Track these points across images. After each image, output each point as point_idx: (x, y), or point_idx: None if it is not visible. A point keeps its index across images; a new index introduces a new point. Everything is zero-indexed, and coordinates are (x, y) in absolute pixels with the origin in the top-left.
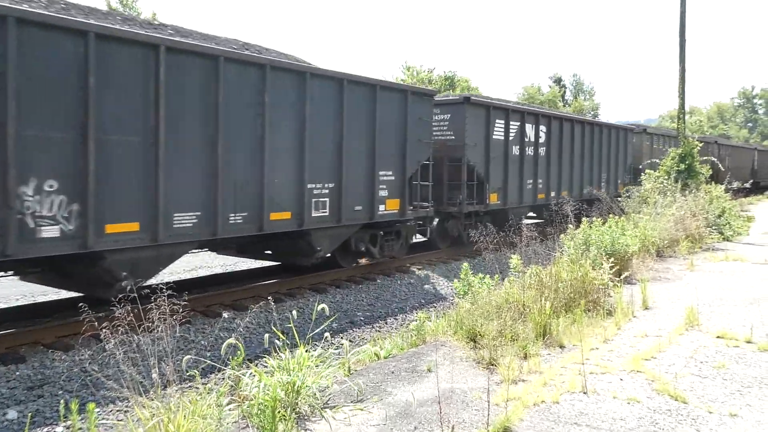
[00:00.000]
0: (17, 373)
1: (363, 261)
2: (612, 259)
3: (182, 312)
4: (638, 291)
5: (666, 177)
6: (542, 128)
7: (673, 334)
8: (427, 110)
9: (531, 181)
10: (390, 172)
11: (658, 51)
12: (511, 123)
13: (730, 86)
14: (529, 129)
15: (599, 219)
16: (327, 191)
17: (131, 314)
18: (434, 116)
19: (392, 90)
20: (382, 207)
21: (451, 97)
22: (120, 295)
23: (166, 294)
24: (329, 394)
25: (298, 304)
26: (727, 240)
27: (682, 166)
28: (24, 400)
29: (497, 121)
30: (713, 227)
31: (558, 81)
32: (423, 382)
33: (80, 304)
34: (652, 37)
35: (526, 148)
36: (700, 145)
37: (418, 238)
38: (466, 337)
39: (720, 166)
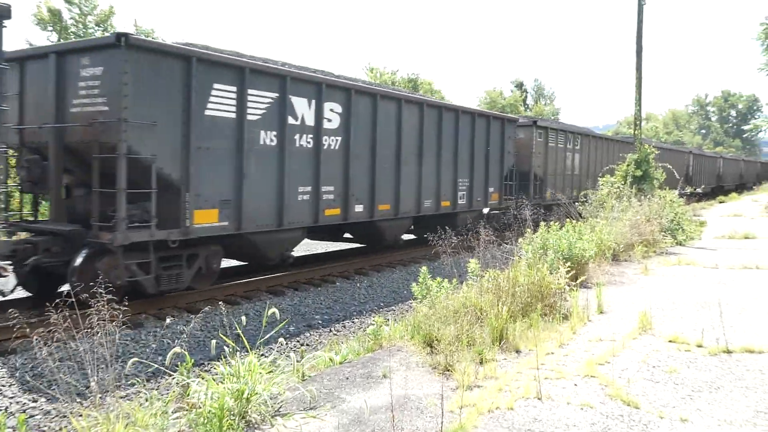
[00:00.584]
0: None
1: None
2: (569, 264)
3: (122, 318)
4: (594, 295)
5: (622, 182)
6: (333, 107)
7: (626, 338)
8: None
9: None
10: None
11: (617, 59)
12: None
13: (684, 94)
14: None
15: (556, 223)
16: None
17: (68, 320)
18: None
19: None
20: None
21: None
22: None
23: (105, 299)
24: (281, 401)
25: (255, 307)
26: (680, 244)
27: (639, 172)
28: None
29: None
30: (667, 232)
31: (520, 86)
32: (378, 389)
33: (10, 310)
34: (611, 46)
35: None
36: (657, 151)
37: None
38: (422, 342)
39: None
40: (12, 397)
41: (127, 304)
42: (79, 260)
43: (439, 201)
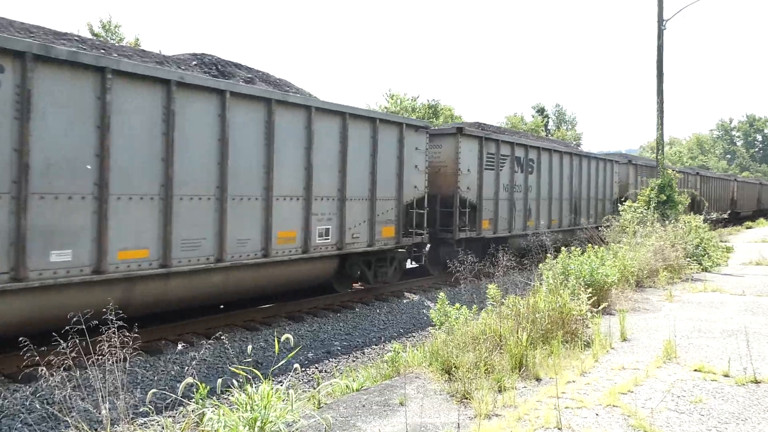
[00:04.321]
0: None
1: None
2: (591, 290)
3: (135, 345)
4: (617, 322)
5: (645, 207)
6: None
7: (650, 367)
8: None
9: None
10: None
11: (640, 82)
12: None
13: (709, 118)
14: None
15: (578, 249)
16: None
17: (77, 347)
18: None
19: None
20: None
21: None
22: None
23: (116, 326)
24: (297, 429)
25: (273, 333)
26: (706, 270)
27: (662, 197)
28: None
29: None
30: (692, 258)
31: (541, 111)
32: (394, 417)
33: (20, 338)
34: (633, 69)
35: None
36: (680, 176)
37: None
38: (440, 369)
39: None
40: (31, 425)
41: (137, 331)
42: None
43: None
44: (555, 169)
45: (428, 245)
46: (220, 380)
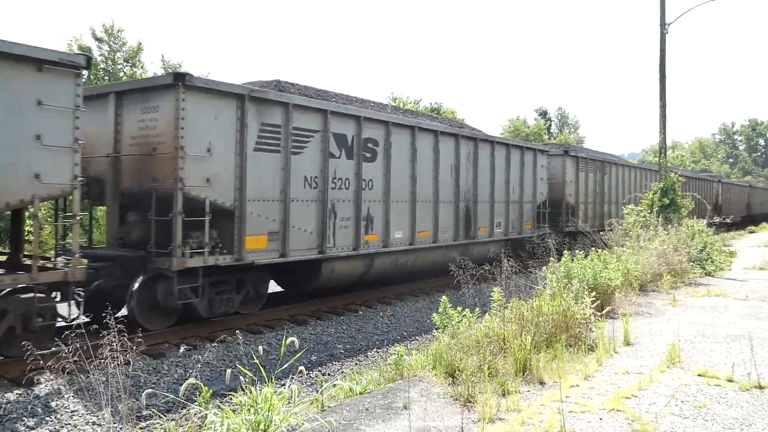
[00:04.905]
0: None
1: None
2: (594, 293)
3: (138, 348)
4: (620, 326)
5: (648, 211)
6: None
7: (654, 371)
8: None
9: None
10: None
11: (642, 86)
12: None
13: (711, 122)
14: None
15: (581, 252)
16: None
17: (79, 351)
18: None
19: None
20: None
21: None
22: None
23: (115, 330)
24: None
25: (277, 336)
26: (710, 275)
27: (665, 201)
28: None
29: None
30: (696, 262)
31: (543, 114)
32: (398, 420)
33: (23, 342)
34: (636, 72)
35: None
36: (682, 180)
37: None
38: (444, 372)
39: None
40: (33, 428)
41: (142, 334)
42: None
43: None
44: (423, 157)
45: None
46: (229, 371)
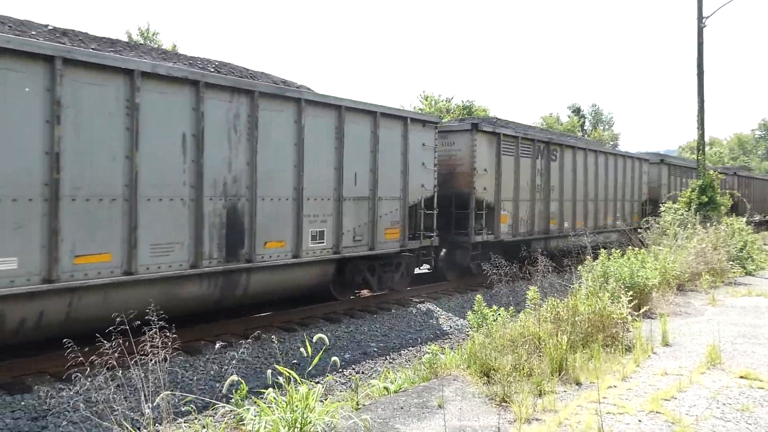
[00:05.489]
0: (22, 402)
1: None
2: (631, 293)
3: (175, 345)
4: (658, 326)
5: (686, 209)
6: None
7: (694, 372)
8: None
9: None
10: None
11: (678, 81)
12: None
13: (750, 117)
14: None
15: (618, 251)
16: None
17: (121, 347)
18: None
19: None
20: None
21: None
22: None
23: (157, 327)
24: (335, 431)
25: (311, 333)
26: (750, 274)
27: (704, 198)
28: (27, 431)
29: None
30: (735, 261)
31: (577, 111)
32: (433, 419)
33: (64, 340)
34: (671, 68)
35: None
36: (722, 176)
37: None
38: (479, 371)
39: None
40: (76, 423)
41: (176, 331)
42: None
43: None
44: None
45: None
46: (270, 371)
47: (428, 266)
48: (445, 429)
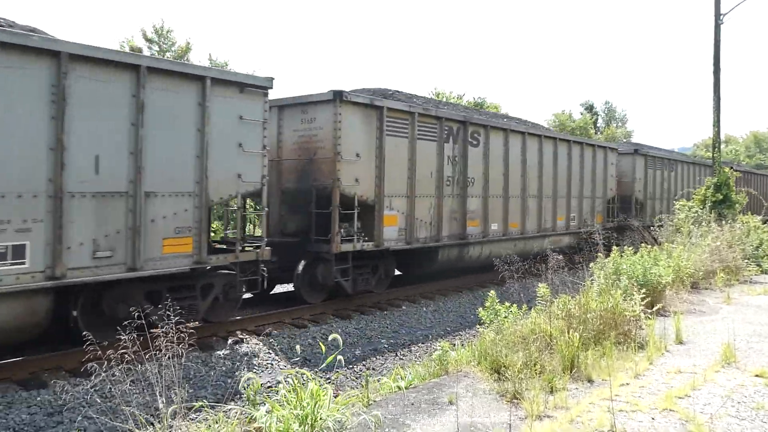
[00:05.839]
0: (38, 398)
1: None
2: (644, 290)
3: (188, 340)
4: (671, 324)
5: (701, 207)
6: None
7: (708, 370)
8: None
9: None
10: None
11: (694, 78)
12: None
13: (767, 115)
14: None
15: (629, 248)
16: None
17: (137, 343)
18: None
19: None
20: None
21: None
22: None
23: (174, 321)
24: (346, 427)
25: (321, 330)
26: (766, 273)
27: (719, 196)
28: (43, 426)
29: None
30: (751, 259)
31: (590, 108)
32: (443, 416)
33: (84, 333)
34: (686, 64)
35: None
36: (738, 174)
37: None
38: (489, 368)
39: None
40: (91, 418)
41: (192, 327)
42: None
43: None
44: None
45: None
46: (281, 377)
47: (250, 291)
48: (457, 425)
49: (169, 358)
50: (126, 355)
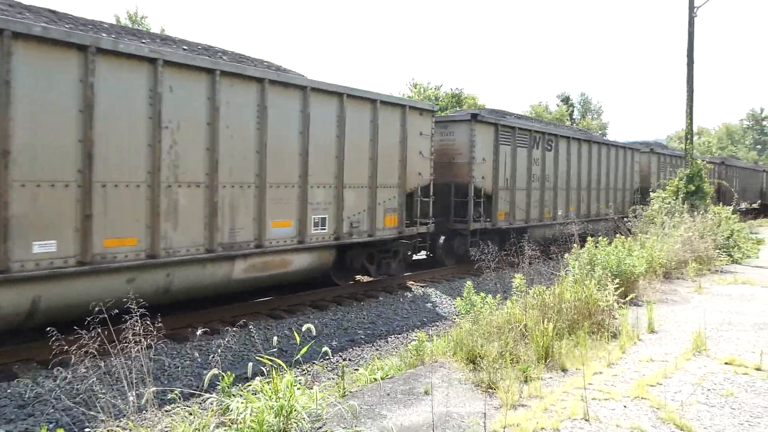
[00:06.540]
0: (8, 390)
1: None
2: (618, 280)
3: (160, 333)
4: (644, 313)
5: (674, 198)
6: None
7: (679, 359)
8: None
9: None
10: None
11: (667, 71)
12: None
13: (738, 108)
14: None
15: (605, 239)
16: None
17: (101, 336)
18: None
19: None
20: None
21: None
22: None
23: (138, 314)
24: (322, 418)
25: (298, 321)
26: (736, 262)
27: (691, 187)
28: (14, 418)
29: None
30: (722, 249)
31: (566, 100)
32: (419, 405)
33: (48, 328)
34: (660, 57)
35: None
36: (709, 166)
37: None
38: (465, 358)
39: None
40: (62, 411)
41: (161, 320)
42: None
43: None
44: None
45: (443, 237)
46: (250, 365)
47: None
48: (432, 415)
49: (137, 351)
50: (92, 350)
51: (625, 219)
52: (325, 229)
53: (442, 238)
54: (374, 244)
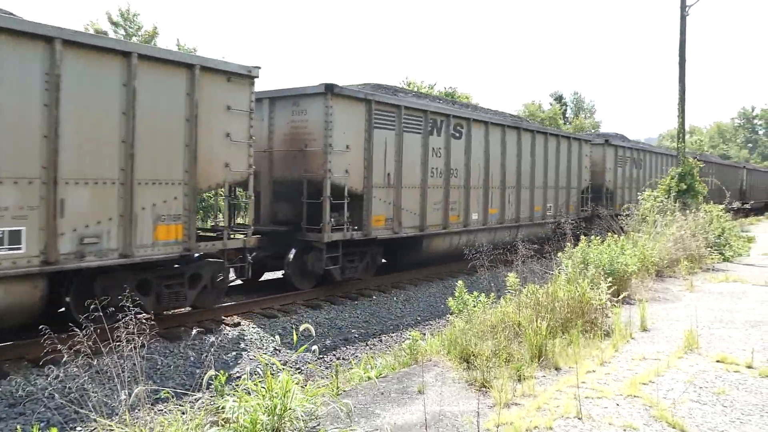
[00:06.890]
0: None
1: None
2: (610, 279)
3: (152, 332)
4: (637, 312)
5: (666, 196)
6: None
7: (671, 357)
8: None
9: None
10: None
11: (659, 70)
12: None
13: (730, 106)
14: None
15: (597, 237)
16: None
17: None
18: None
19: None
20: None
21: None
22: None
23: (133, 312)
24: (316, 417)
25: (291, 320)
26: (728, 261)
27: (683, 186)
28: (4, 417)
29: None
30: (713, 247)
31: (559, 99)
32: (413, 404)
33: (41, 326)
34: (653, 57)
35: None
36: (702, 165)
37: None
38: (459, 357)
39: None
40: (53, 410)
41: (154, 319)
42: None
43: None
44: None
45: (293, 251)
46: (248, 368)
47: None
48: (425, 414)
49: (130, 350)
50: (84, 348)
51: (571, 222)
52: (20, 249)
53: (293, 252)
54: (147, 267)
